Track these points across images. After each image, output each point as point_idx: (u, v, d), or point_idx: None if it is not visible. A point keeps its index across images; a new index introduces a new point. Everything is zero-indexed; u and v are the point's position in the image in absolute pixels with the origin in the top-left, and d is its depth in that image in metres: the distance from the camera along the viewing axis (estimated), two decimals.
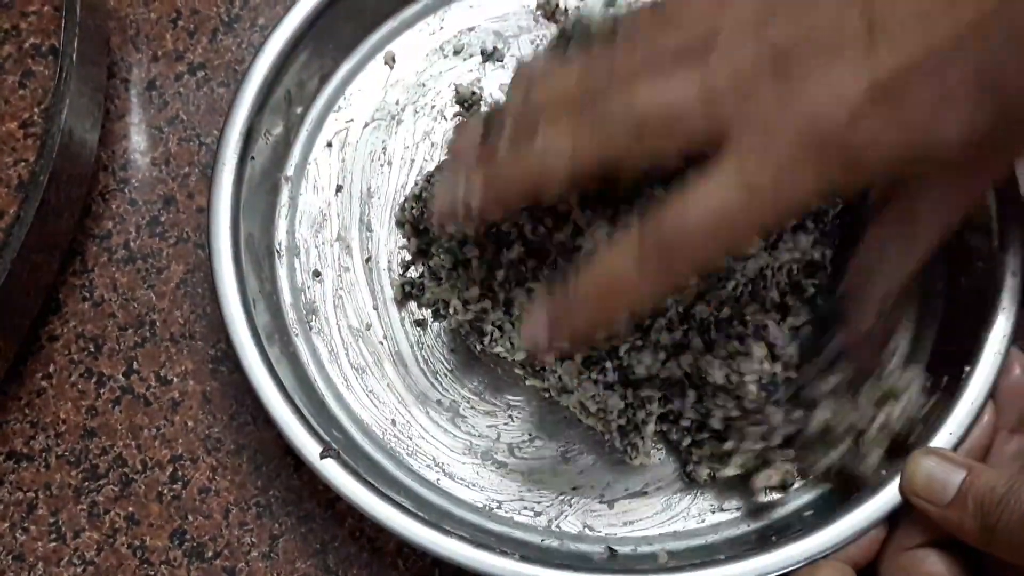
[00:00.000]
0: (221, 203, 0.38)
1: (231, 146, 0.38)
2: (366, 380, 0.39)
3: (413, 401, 0.39)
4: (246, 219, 0.38)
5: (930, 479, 0.33)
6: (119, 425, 0.39)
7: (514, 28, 0.44)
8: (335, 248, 0.41)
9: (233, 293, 0.37)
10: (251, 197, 0.39)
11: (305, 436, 0.35)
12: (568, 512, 0.37)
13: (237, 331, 0.36)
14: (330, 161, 0.42)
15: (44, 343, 0.40)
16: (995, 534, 0.31)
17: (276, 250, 0.41)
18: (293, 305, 0.40)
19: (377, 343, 0.40)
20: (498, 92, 0.43)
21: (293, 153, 0.42)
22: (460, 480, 0.38)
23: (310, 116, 0.42)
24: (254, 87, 0.39)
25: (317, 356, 0.39)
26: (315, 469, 0.34)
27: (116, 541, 0.38)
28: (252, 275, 0.38)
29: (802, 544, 0.34)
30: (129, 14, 0.45)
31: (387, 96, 0.43)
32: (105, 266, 0.42)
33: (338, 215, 0.41)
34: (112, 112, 0.43)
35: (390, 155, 0.42)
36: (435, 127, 0.43)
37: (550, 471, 0.38)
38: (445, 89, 0.43)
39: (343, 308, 0.40)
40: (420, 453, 0.38)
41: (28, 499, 0.39)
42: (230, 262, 0.37)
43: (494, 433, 0.38)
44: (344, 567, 0.38)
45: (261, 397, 0.35)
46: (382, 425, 0.38)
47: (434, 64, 0.43)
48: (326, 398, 0.38)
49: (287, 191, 0.41)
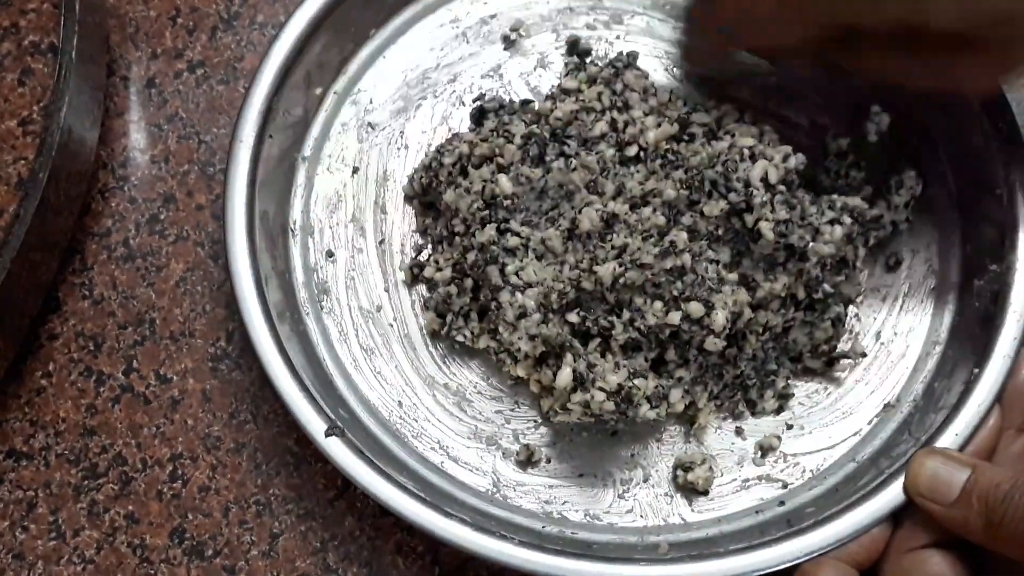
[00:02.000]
0: (237, 180, 0.38)
1: (249, 124, 0.38)
2: (374, 361, 0.39)
3: (420, 384, 0.39)
4: (262, 197, 0.38)
5: (934, 478, 0.33)
6: (119, 424, 0.39)
7: (535, 16, 0.44)
8: (349, 229, 0.41)
9: (246, 269, 0.37)
10: (268, 175, 0.39)
11: (311, 413, 0.35)
12: (571, 500, 0.37)
13: (248, 308, 0.36)
14: (347, 143, 0.42)
15: (44, 342, 0.40)
16: (1000, 531, 0.31)
17: (291, 229, 0.41)
18: (305, 284, 0.40)
19: (387, 325, 0.40)
20: (518, 80, 0.43)
21: (311, 133, 0.42)
22: (464, 464, 0.38)
23: (329, 97, 0.42)
24: (274, 66, 0.39)
25: (327, 336, 0.39)
26: (320, 447, 0.34)
27: (116, 540, 0.38)
28: (266, 252, 0.38)
29: (804, 539, 0.34)
30: (128, 12, 0.45)
31: (407, 80, 0.43)
32: (105, 264, 0.41)
33: (353, 196, 0.41)
34: (111, 110, 0.43)
35: (407, 139, 0.42)
36: (453, 112, 0.42)
37: (556, 458, 0.38)
38: (464, 75, 0.43)
39: (355, 289, 0.40)
40: (425, 435, 0.38)
41: (28, 498, 0.39)
42: (244, 238, 0.37)
43: (500, 419, 0.38)
44: (344, 565, 0.38)
45: (269, 374, 0.35)
46: (389, 406, 0.38)
47: (455, 50, 0.43)
48: (334, 377, 0.38)
49: (304, 171, 0.41)
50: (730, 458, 0.38)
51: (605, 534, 0.36)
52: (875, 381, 0.39)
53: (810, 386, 0.39)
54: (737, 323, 0.35)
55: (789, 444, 0.38)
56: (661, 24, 0.43)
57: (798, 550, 0.33)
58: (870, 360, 0.39)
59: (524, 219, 0.38)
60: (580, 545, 0.35)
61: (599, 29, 0.44)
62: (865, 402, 0.38)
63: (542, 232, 0.37)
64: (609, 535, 0.36)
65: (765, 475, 0.37)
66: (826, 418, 0.38)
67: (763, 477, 0.37)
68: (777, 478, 0.37)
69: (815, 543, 0.33)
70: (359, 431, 0.36)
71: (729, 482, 0.37)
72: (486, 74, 0.42)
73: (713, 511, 0.37)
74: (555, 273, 0.36)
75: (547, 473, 0.38)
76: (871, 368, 0.39)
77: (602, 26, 0.44)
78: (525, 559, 0.33)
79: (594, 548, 0.35)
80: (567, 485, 0.37)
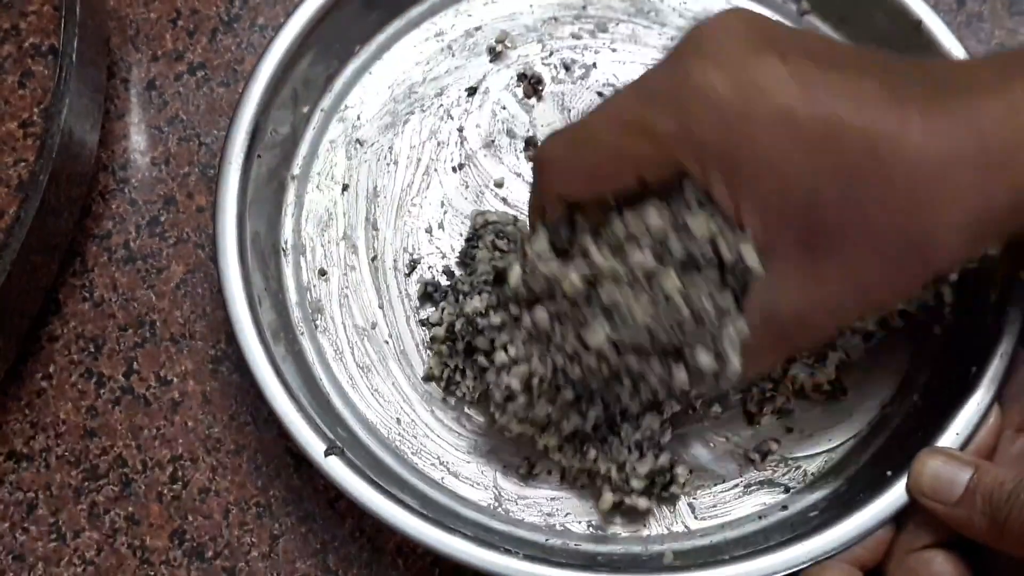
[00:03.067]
0: (227, 200, 0.38)
1: (237, 144, 0.38)
2: (371, 379, 0.39)
3: (418, 400, 0.39)
4: (252, 217, 0.38)
5: (937, 478, 0.33)
6: (119, 425, 0.39)
7: (520, 27, 0.44)
8: (341, 247, 0.41)
9: (239, 291, 0.37)
10: (257, 195, 0.39)
11: (310, 434, 0.35)
12: (574, 512, 0.37)
13: (242, 329, 0.36)
14: (336, 160, 0.42)
15: (44, 343, 0.40)
16: (1004, 530, 0.30)
17: (282, 248, 0.40)
18: (299, 303, 0.40)
19: (382, 342, 0.39)
20: (503, 91, 0.43)
21: (300, 151, 0.42)
22: (465, 479, 0.37)
23: (316, 115, 0.42)
24: (261, 85, 0.39)
25: (322, 355, 0.39)
26: (320, 467, 0.34)
27: (116, 541, 0.38)
28: (258, 273, 0.38)
29: (808, 544, 0.33)
30: (129, 14, 0.45)
31: (393, 96, 0.43)
32: (105, 266, 0.41)
33: (344, 214, 0.41)
34: (112, 112, 0.43)
35: (396, 154, 0.42)
36: (441, 126, 0.42)
37: (557, 470, 0.37)
38: (451, 88, 0.43)
39: (348, 307, 0.40)
40: (425, 452, 0.38)
41: (28, 499, 0.38)
42: (236, 260, 0.37)
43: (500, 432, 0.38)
44: (344, 567, 0.38)
45: (266, 395, 0.35)
46: (387, 424, 0.38)
47: (440, 64, 0.43)
48: (331, 397, 0.38)
49: (293, 189, 0.41)
50: (731, 463, 0.37)
51: (609, 545, 0.36)
52: (873, 382, 0.38)
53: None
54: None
55: (789, 447, 0.38)
56: (646, 31, 0.43)
57: (803, 554, 0.33)
58: (868, 362, 0.39)
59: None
60: (585, 557, 0.35)
61: (584, 38, 0.43)
62: (865, 404, 0.38)
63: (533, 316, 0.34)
64: (613, 546, 0.36)
65: (767, 479, 0.37)
66: (825, 420, 0.38)
67: (765, 482, 0.37)
68: (779, 482, 0.37)
69: (820, 547, 0.33)
70: (358, 450, 0.36)
71: (731, 488, 0.37)
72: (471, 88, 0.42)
73: (716, 518, 0.37)
74: (541, 351, 0.33)
75: (549, 485, 0.37)
76: (869, 370, 0.39)
77: (587, 35, 0.43)
78: (531, 573, 0.33)
79: (599, 559, 0.35)
80: (569, 497, 0.37)
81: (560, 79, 0.43)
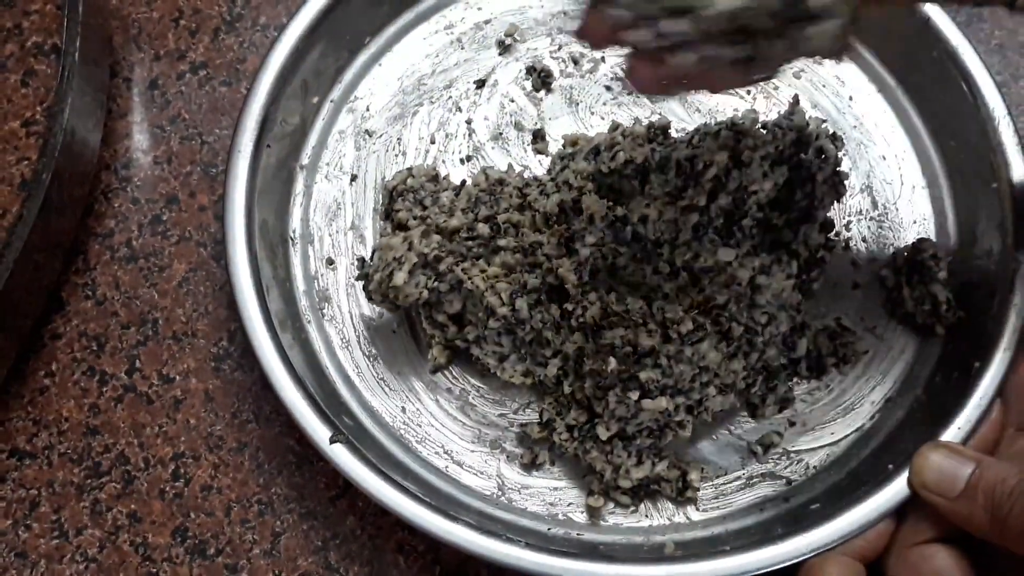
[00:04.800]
0: (236, 190, 0.38)
1: (247, 133, 0.39)
2: (377, 368, 0.39)
3: (423, 389, 0.39)
4: (261, 206, 0.39)
5: (939, 472, 0.32)
6: (121, 423, 0.39)
7: (530, 21, 0.44)
8: (349, 237, 0.41)
9: (247, 279, 0.37)
10: (266, 185, 0.39)
11: (315, 421, 0.35)
12: (576, 501, 0.37)
13: (250, 317, 0.36)
14: (345, 151, 0.42)
15: (47, 341, 0.40)
16: (1006, 526, 0.30)
17: (290, 238, 0.41)
18: (306, 292, 0.40)
19: (389, 331, 0.40)
20: (512, 84, 0.43)
21: (308, 142, 0.42)
22: (469, 468, 0.37)
23: (326, 105, 0.42)
24: (271, 75, 0.39)
25: (329, 343, 0.39)
26: (324, 454, 0.34)
27: (118, 538, 0.38)
28: (266, 262, 0.38)
29: (809, 536, 0.33)
30: (131, 13, 0.45)
31: (402, 87, 0.43)
32: (107, 265, 0.42)
33: (352, 204, 0.41)
34: (114, 111, 0.44)
35: (405, 145, 0.42)
36: (450, 118, 0.43)
37: (559, 460, 0.38)
38: (460, 81, 0.43)
39: (356, 296, 0.40)
40: (429, 440, 0.38)
41: (31, 496, 0.39)
42: (244, 248, 0.37)
43: (504, 422, 0.38)
44: (345, 564, 0.38)
45: (272, 383, 0.35)
46: (392, 412, 0.38)
47: (450, 56, 0.43)
48: (337, 385, 0.38)
49: (302, 179, 0.42)
50: (733, 456, 0.37)
51: (611, 535, 0.36)
52: (876, 376, 0.38)
53: (811, 383, 0.38)
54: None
55: (791, 440, 0.38)
56: None
57: (804, 546, 0.33)
58: (871, 356, 0.39)
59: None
60: (587, 546, 0.35)
61: None
62: (866, 397, 0.38)
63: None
64: (615, 535, 0.36)
65: (768, 472, 0.37)
66: (828, 414, 0.38)
67: (767, 474, 0.37)
68: (781, 475, 0.37)
69: (820, 539, 0.33)
70: (363, 438, 0.36)
71: (733, 480, 0.37)
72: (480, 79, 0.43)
73: (718, 509, 0.37)
74: (519, 260, 0.37)
75: (551, 475, 0.37)
76: (872, 364, 0.39)
77: None
78: (533, 561, 0.33)
79: (600, 549, 0.35)
80: (572, 487, 0.37)
81: (569, 72, 0.43)
